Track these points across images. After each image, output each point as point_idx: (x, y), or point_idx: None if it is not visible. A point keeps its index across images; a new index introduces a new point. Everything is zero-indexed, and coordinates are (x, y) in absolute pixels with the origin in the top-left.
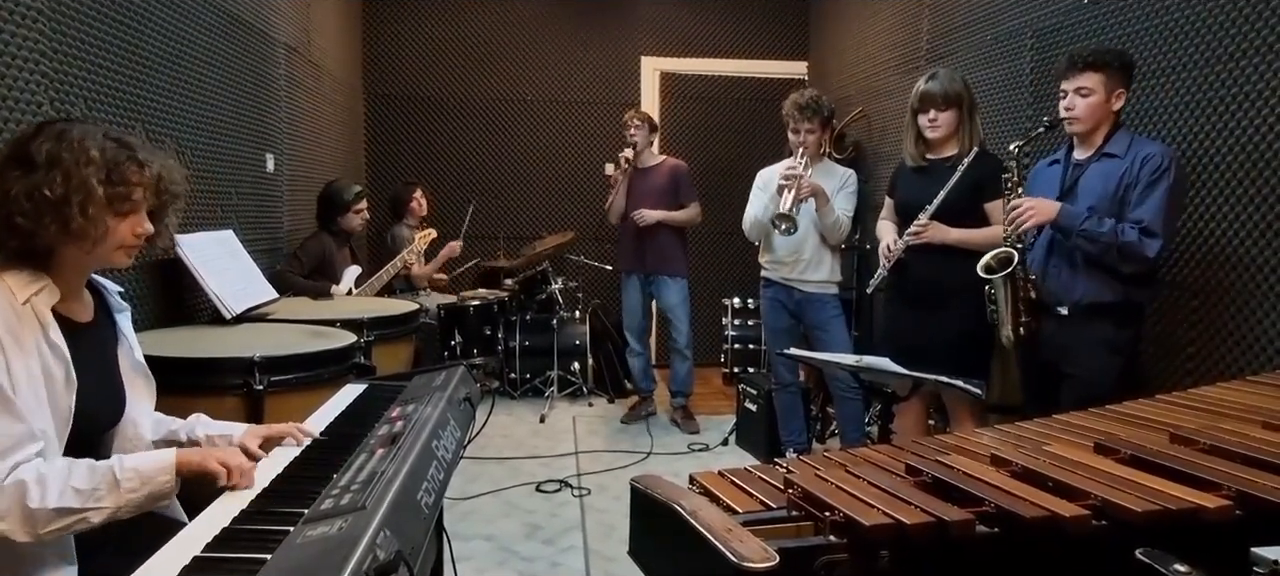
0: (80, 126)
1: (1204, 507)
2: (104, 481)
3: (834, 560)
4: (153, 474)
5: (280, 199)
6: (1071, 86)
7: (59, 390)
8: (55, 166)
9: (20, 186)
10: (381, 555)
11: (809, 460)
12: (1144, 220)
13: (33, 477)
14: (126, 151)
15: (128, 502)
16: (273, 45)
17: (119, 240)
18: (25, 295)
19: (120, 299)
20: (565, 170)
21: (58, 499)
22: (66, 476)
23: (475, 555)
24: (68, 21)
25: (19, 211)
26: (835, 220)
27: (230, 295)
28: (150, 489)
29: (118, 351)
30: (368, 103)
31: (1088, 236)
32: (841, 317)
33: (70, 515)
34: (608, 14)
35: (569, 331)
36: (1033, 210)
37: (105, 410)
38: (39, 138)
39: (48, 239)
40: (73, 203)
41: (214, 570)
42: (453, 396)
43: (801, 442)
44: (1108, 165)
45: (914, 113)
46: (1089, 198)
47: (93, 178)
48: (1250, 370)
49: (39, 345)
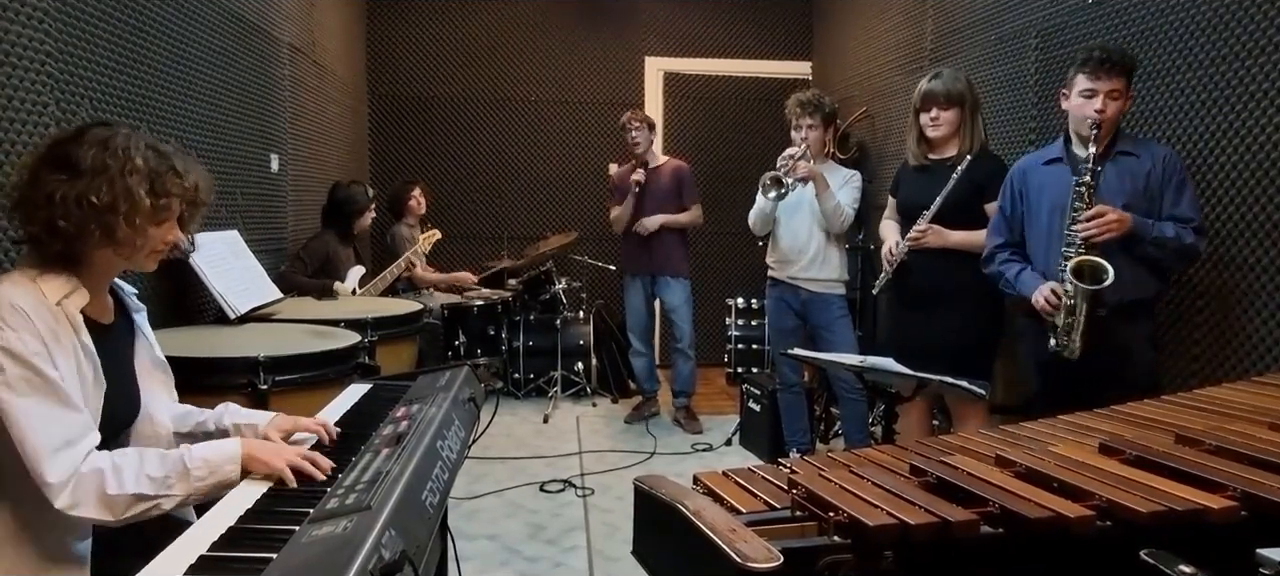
0: (123, 133)
1: (1209, 509)
2: (175, 470)
3: (838, 560)
4: (220, 463)
5: (284, 199)
6: (1103, 88)
7: (89, 390)
8: (101, 174)
9: (65, 190)
10: (387, 555)
11: (813, 460)
12: (1192, 218)
13: (109, 466)
14: (166, 161)
15: (196, 490)
16: (277, 46)
17: (153, 247)
18: (56, 297)
19: (137, 300)
20: (569, 170)
21: (135, 485)
22: (140, 464)
23: (479, 555)
24: (73, 22)
25: (63, 216)
26: (835, 205)
27: (235, 295)
28: (218, 477)
29: (134, 350)
30: (372, 103)
31: (1159, 243)
32: (847, 318)
33: (146, 501)
34: (612, 14)
35: (572, 331)
36: (1115, 223)
37: (124, 410)
38: (83, 142)
39: (90, 245)
40: (119, 211)
41: (220, 569)
42: (457, 396)
43: (805, 443)
44: (1126, 165)
45: (916, 111)
46: (1116, 197)
47: (138, 187)
48: (1256, 371)
49: (73, 346)
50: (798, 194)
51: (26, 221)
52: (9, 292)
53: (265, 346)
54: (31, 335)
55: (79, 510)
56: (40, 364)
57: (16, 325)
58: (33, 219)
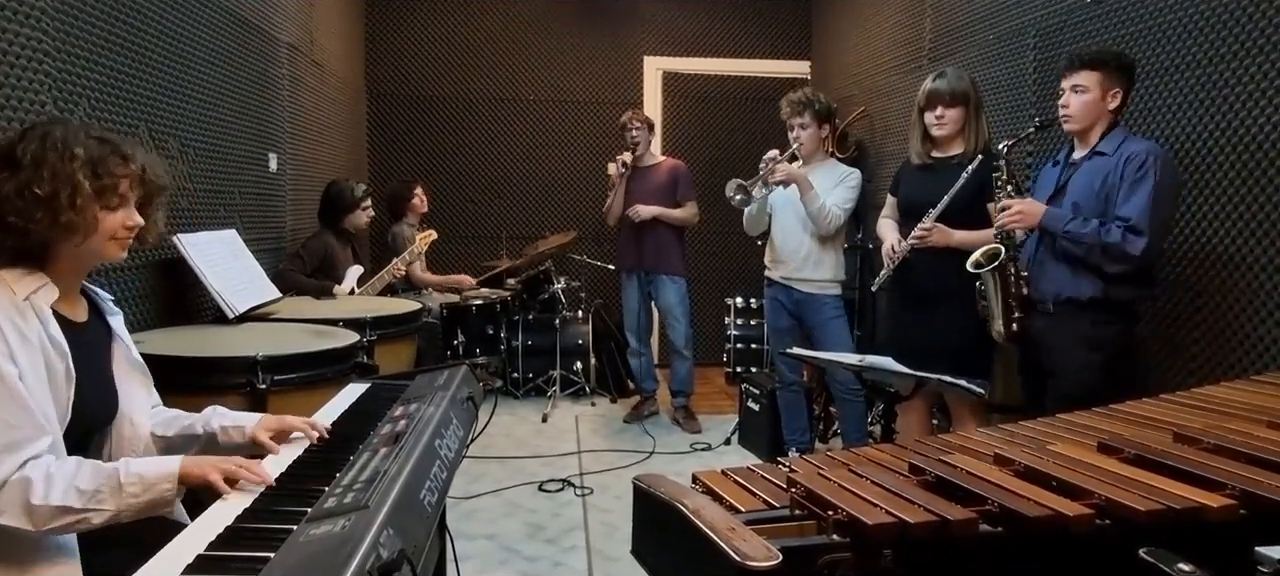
0: (62, 127)
1: (1208, 507)
2: (108, 484)
3: (837, 559)
4: (155, 480)
5: (283, 198)
6: (1068, 84)
7: (60, 384)
8: (41, 165)
9: (9, 186)
10: (384, 554)
11: (812, 459)
12: (1130, 218)
13: (40, 475)
14: (109, 146)
15: (128, 506)
16: (275, 45)
17: (110, 232)
18: (25, 292)
19: (112, 305)
20: (568, 170)
21: (61, 498)
22: (72, 476)
23: (478, 554)
24: (72, 21)
25: (11, 210)
26: (820, 207)
27: (233, 294)
28: (152, 495)
29: (111, 352)
30: (370, 102)
31: (1072, 238)
32: (842, 318)
33: (71, 514)
34: (611, 14)
35: (571, 331)
36: (1020, 214)
37: (98, 409)
38: (23, 141)
39: (40, 233)
40: (61, 196)
41: (217, 569)
42: (455, 396)
43: (804, 442)
44: (1096, 163)
45: (920, 110)
46: (1076, 196)
47: (78, 172)
48: (1254, 370)
49: (41, 340)
50: (789, 194)
51: None
52: None
53: (264, 346)
54: None
55: (1, 518)
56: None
57: None
58: None
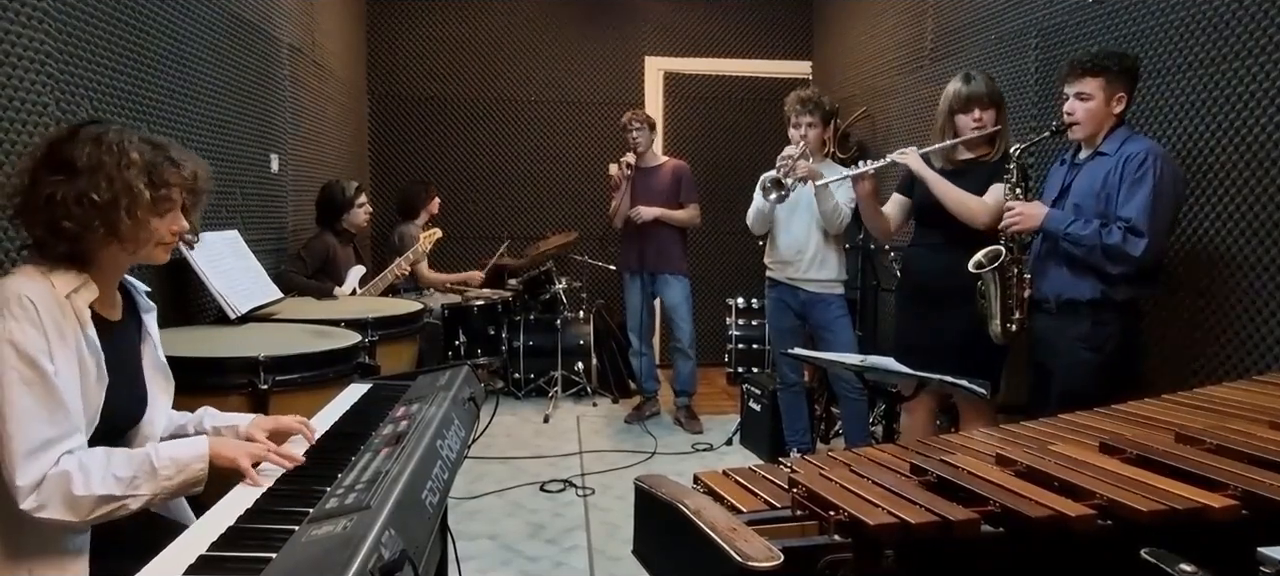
0: (116, 129)
1: (1210, 507)
2: (142, 469)
3: (838, 559)
4: (188, 461)
5: (284, 199)
6: (1072, 91)
7: (91, 385)
8: (99, 170)
9: (65, 191)
10: (386, 554)
11: (813, 460)
12: (1130, 219)
13: (75, 466)
14: (162, 153)
15: (163, 489)
16: (277, 45)
17: (159, 238)
18: (65, 290)
19: (148, 299)
20: (569, 170)
21: (101, 486)
22: (107, 464)
23: (479, 554)
24: (73, 22)
25: (66, 216)
26: (834, 206)
27: (235, 295)
28: (186, 476)
29: (142, 350)
30: (371, 103)
31: (1072, 240)
32: (847, 318)
33: (112, 502)
34: (612, 14)
35: (573, 331)
36: (1021, 216)
37: (129, 409)
38: (77, 141)
39: (95, 242)
40: (121, 205)
41: (219, 569)
42: (457, 396)
43: (806, 442)
44: (1097, 164)
45: (952, 113)
46: (1077, 197)
47: (137, 180)
48: (1256, 370)
49: (78, 340)
50: (796, 194)
51: (30, 226)
52: (19, 284)
53: (266, 346)
54: (35, 328)
55: (45, 512)
56: (40, 359)
57: (21, 317)
58: (35, 222)
